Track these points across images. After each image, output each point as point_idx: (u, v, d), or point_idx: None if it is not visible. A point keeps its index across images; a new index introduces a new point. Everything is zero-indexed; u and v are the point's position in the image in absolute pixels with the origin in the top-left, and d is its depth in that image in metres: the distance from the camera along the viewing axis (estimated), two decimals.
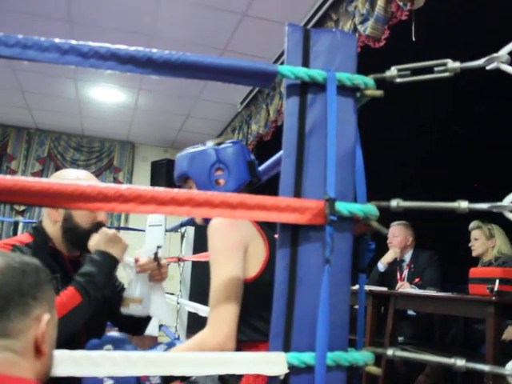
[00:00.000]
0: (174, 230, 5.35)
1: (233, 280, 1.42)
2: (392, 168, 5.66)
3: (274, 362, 1.15)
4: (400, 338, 3.67)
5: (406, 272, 4.29)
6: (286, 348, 1.18)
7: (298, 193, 1.23)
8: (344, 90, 1.28)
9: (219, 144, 1.69)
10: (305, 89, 1.27)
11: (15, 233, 5.84)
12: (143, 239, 5.57)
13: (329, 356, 1.17)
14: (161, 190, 1.11)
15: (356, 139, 1.30)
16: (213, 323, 1.38)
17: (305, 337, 1.18)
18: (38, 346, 0.84)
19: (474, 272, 2.64)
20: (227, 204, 1.14)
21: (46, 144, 7.20)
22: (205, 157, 1.66)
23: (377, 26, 2.87)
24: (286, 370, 1.14)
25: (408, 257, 4.35)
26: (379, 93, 1.28)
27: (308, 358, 1.16)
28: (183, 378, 1.45)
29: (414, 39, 2.61)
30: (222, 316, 1.38)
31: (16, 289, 0.84)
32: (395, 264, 4.35)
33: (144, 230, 5.79)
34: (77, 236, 1.77)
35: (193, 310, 3.98)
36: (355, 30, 3.11)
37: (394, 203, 1.23)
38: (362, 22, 3.00)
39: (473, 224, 4.01)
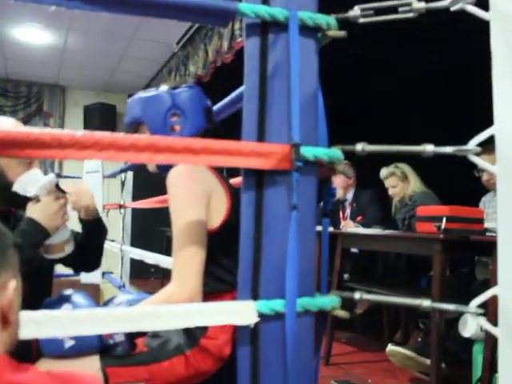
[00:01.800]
0: (113, 175, 5.21)
1: (197, 231, 1.37)
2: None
3: (244, 312, 1.13)
4: (345, 276, 3.76)
5: (348, 211, 4.37)
6: (255, 296, 1.17)
7: (261, 137, 1.19)
8: (306, 30, 1.22)
9: (174, 88, 1.59)
10: (265, 29, 1.21)
11: None
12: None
13: (298, 302, 1.16)
14: (120, 136, 1.05)
15: (318, 82, 1.26)
16: (179, 276, 1.33)
17: (273, 284, 1.17)
18: (4, 315, 0.76)
19: (422, 210, 2.70)
20: (190, 149, 1.09)
21: None
22: (159, 101, 1.56)
23: None
24: (257, 319, 1.13)
25: (350, 196, 4.42)
26: (342, 33, 1.23)
27: (278, 305, 1.14)
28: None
29: None
30: (188, 268, 1.33)
31: None
32: (337, 203, 4.41)
33: (80, 177, 5.62)
34: (10, 194, 1.57)
35: (138, 257, 3.92)
36: None
37: (359, 147, 1.20)
38: None
39: (385, 172, 3.93)
